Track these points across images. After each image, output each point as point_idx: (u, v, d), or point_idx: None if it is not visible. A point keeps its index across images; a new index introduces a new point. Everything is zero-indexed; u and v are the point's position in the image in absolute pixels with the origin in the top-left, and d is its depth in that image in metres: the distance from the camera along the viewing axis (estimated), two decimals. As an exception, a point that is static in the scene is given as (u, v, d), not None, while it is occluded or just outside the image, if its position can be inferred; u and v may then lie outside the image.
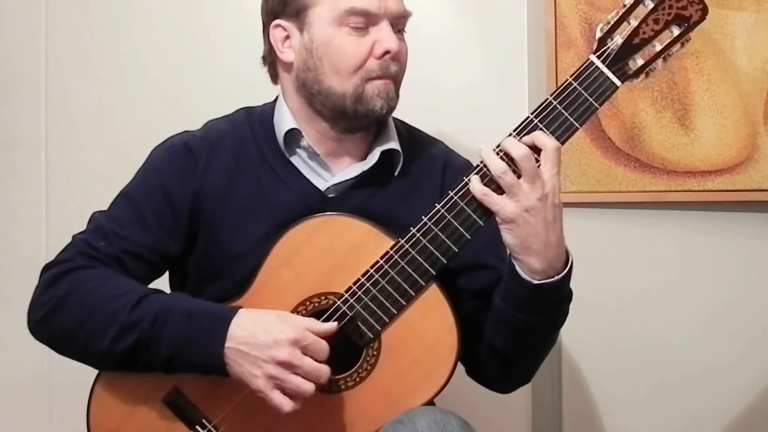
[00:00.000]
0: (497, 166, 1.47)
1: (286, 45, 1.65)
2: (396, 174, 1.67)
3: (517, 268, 1.49)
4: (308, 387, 1.46)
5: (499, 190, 1.48)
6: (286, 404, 1.47)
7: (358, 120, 1.62)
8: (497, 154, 1.48)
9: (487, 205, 1.48)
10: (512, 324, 1.54)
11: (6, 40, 2.54)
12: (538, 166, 1.46)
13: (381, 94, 1.60)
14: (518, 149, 1.46)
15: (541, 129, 1.48)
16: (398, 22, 1.62)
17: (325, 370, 1.47)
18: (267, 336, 1.47)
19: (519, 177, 1.46)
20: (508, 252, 1.51)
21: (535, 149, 1.47)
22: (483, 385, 1.70)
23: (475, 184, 1.49)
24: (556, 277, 1.49)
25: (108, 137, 2.46)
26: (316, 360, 1.47)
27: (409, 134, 1.73)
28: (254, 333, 1.47)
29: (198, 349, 1.49)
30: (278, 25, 1.65)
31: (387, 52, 1.58)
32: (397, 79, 1.63)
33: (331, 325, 1.49)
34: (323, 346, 1.48)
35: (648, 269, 2.20)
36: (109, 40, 2.47)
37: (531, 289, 1.49)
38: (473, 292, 1.64)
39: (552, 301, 1.52)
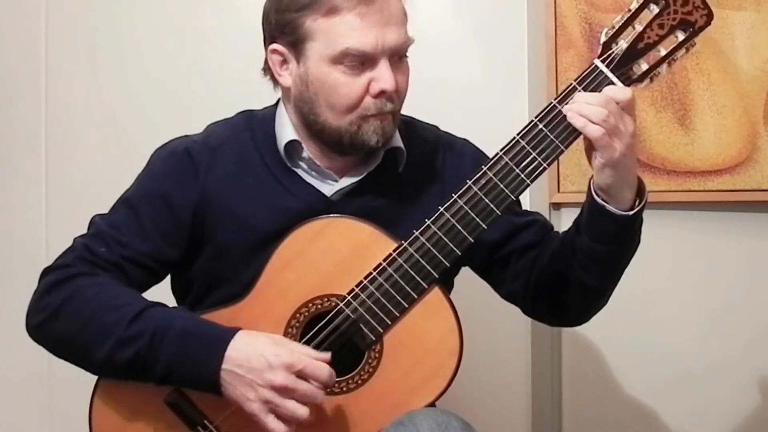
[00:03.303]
0: (600, 112, 1.45)
1: (284, 69, 1.62)
2: (400, 171, 1.67)
3: (611, 208, 1.50)
4: (303, 412, 1.46)
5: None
6: (279, 429, 1.47)
7: (354, 150, 1.61)
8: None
9: (604, 146, 1.46)
10: (609, 260, 1.56)
11: (6, 40, 2.54)
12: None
13: (377, 131, 1.58)
14: (597, 97, 1.46)
15: (545, 132, 1.49)
16: (398, 53, 1.58)
17: (319, 393, 1.47)
18: (262, 360, 1.46)
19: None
20: (592, 200, 1.51)
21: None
22: (552, 322, 1.86)
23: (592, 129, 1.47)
24: (646, 197, 1.52)
25: (108, 138, 2.47)
26: (318, 382, 1.47)
27: (407, 127, 1.72)
28: (249, 356, 1.47)
29: (194, 369, 1.49)
30: (275, 50, 1.62)
31: (383, 93, 1.56)
32: (394, 113, 1.60)
33: (325, 356, 1.49)
34: (322, 369, 1.47)
35: (648, 269, 2.18)
36: (109, 40, 2.48)
37: (628, 220, 1.50)
38: (524, 247, 1.68)
39: (641, 222, 1.54)
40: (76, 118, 2.50)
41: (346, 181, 1.64)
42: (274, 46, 1.62)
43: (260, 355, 1.47)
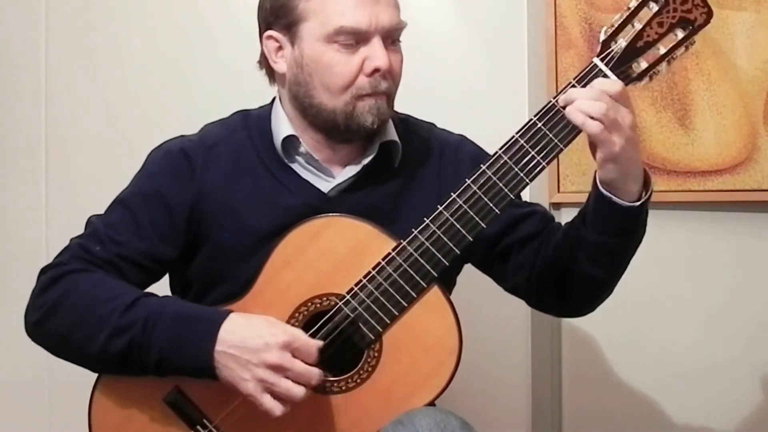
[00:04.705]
0: (599, 107, 1.44)
1: (279, 56, 1.64)
2: (396, 166, 1.67)
3: (616, 200, 1.49)
4: (298, 390, 1.46)
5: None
6: (276, 408, 1.47)
7: (350, 134, 1.62)
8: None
9: (603, 140, 1.45)
10: (617, 251, 1.56)
11: (6, 39, 2.54)
12: None
13: (372, 111, 1.58)
14: (591, 92, 1.45)
15: (544, 131, 1.48)
16: (391, 35, 1.60)
17: (315, 372, 1.47)
18: (258, 340, 1.47)
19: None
20: (597, 192, 1.50)
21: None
22: (557, 314, 1.86)
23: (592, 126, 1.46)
24: (652, 188, 1.51)
25: (108, 138, 2.47)
26: (306, 363, 1.47)
27: (403, 123, 1.72)
28: (244, 337, 1.47)
29: (187, 352, 1.49)
30: (270, 36, 1.63)
31: (377, 70, 1.57)
32: (389, 94, 1.61)
33: (318, 342, 1.49)
34: (313, 349, 1.48)
35: (648, 269, 2.18)
36: (109, 40, 2.48)
37: (635, 212, 1.50)
38: (524, 239, 1.67)
39: (647, 212, 1.54)
40: (76, 118, 2.50)
41: (343, 176, 1.65)
42: (269, 32, 1.63)
43: (257, 335, 1.47)
